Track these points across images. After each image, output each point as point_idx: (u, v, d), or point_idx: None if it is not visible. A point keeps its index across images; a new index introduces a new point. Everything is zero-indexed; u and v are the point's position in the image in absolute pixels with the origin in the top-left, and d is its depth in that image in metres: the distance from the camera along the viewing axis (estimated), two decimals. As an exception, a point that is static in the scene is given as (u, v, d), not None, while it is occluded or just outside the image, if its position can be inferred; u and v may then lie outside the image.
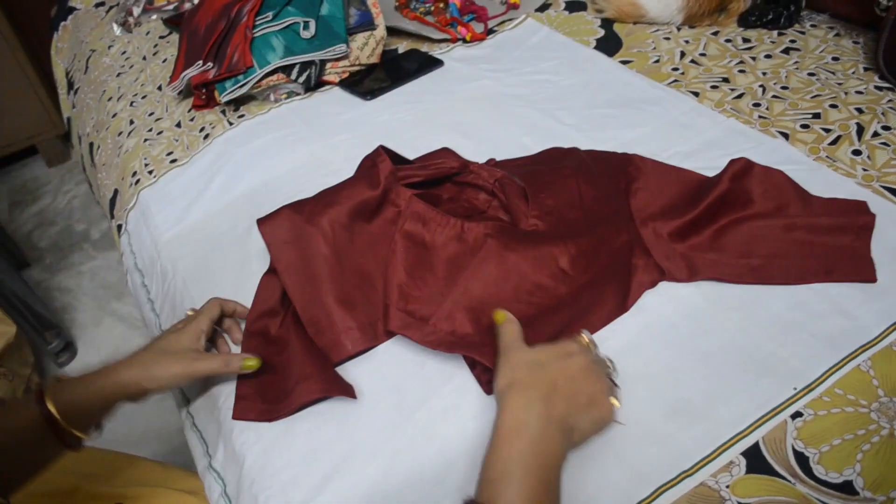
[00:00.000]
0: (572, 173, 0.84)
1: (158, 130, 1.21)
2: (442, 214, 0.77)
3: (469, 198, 0.86)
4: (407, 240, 0.77)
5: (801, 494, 0.58)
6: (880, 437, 0.61)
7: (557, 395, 0.56)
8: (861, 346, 0.67)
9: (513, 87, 1.13)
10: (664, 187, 0.85)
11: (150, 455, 0.92)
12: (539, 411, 0.54)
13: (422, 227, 0.77)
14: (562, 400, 0.56)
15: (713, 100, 1.02)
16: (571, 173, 0.84)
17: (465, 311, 0.70)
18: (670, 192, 0.84)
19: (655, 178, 0.86)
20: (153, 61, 1.44)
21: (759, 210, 0.79)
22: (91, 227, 2.30)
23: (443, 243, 0.76)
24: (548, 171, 0.85)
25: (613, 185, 0.85)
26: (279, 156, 1.06)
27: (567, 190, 0.82)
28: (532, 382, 0.57)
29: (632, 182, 0.86)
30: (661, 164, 0.89)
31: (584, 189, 0.82)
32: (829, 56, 1.08)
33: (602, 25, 1.26)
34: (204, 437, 0.74)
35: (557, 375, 0.57)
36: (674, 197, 0.83)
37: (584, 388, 0.58)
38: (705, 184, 0.83)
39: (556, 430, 0.54)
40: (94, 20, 1.72)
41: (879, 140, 0.90)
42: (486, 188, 0.85)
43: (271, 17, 1.16)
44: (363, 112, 1.13)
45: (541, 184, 0.82)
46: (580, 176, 0.84)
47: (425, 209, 0.77)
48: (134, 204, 1.08)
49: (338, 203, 0.78)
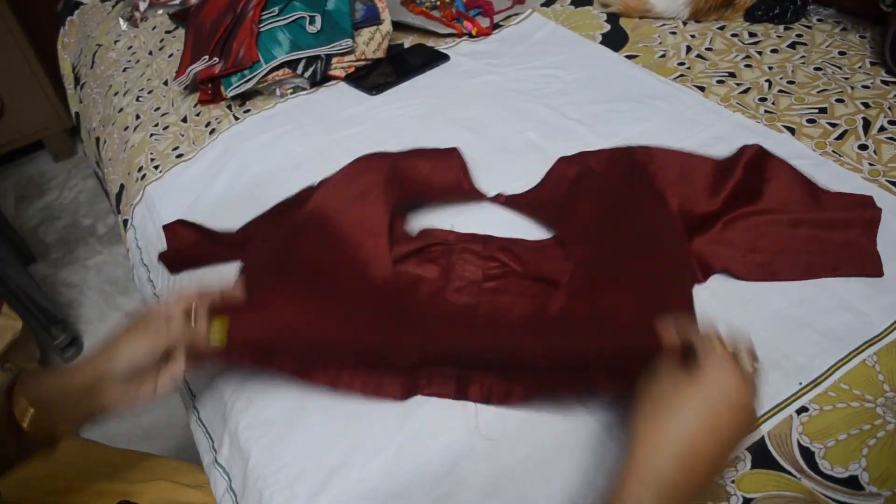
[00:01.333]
0: (589, 196, 0.81)
1: (164, 125, 1.22)
2: None
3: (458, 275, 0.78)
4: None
5: (807, 489, 0.58)
6: (886, 431, 0.61)
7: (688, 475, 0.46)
8: (867, 341, 0.67)
9: (518, 81, 1.13)
10: (675, 171, 0.83)
11: (155, 450, 0.92)
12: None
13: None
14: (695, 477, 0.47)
15: (719, 94, 1.02)
16: (588, 197, 0.80)
17: None
18: (683, 178, 0.82)
19: (665, 160, 0.85)
20: (159, 56, 1.44)
21: (768, 205, 0.78)
22: (97, 221, 2.30)
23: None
24: (569, 208, 0.81)
25: (635, 194, 0.81)
26: (285, 150, 1.06)
27: (594, 227, 0.76)
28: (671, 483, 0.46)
29: (645, 168, 0.84)
30: (666, 151, 0.87)
31: (608, 212, 0.78)
32: (835, 51, 1.08)
33: (608, 20, 1.26)
34: (209, 432, 0.75)
35: (701, 450, 0.47)
36: (687, 185, 0.81)
37: (726, 458, 0.48)
38: (717, 171, 0.82)
39: None
40: (101, 15, 1.72)
41: (886, 135, 0.90)
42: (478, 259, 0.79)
43: (277, 12, 1.16)
44: (369, 107, 1.13)
45: (570, 230, 0.77)
46: (599, 197, 0.80)
47: None
48: (140, 199, 1.08)
49: None
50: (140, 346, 0.61)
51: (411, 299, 0.73)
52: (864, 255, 0.74)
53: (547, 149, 0.96)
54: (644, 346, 0.54)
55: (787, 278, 0.73)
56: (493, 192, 0.89)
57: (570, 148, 0.95)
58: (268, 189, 0.98)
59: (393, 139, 1.04)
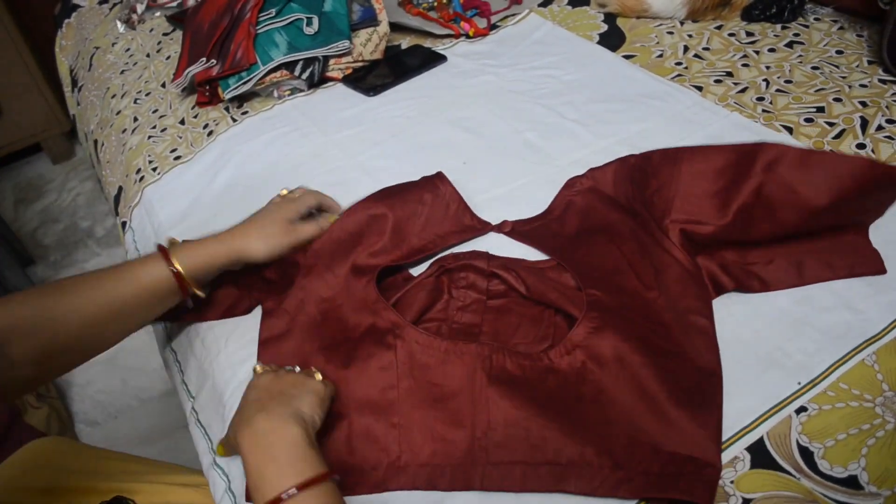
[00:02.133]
0: (597, 240, 0.76)
1: (162, 127, 1.22)
2: None
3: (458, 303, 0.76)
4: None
5: (806, 489, 0.58)
6: (885, 431, 0.61)
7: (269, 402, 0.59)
8: (866, 340, 0.67)
9: (516, 82, 1.13)
10: (676, 188, 0.79)
11: (153, 453, 0.92)
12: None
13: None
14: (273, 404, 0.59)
15: (717, 94, 1.02)
16: (596, 241, 0.76)
17: None
18: (686, 197, 0.78)
19: (668, 170, 0.80)
20: (157, 58, 1.44)
21: (782, 219, 0.74)
22: (95, 224, 2.30)
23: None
24: (577, 251, 0.76)
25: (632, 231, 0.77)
26: (283, 152, 1.06)
27: (605, 279, 0.72)
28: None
29: (647, 185, 0.80)
30: (667, 160, 0.82)
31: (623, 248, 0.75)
32: (832, 49, 1.08)
33: (605, 20, 1.26)
34: (208, 434, 0.74)
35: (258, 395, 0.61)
36: (690, 205, 0.77)
37: (280, 388, 0.61)
38: (722, 188, 0.76)
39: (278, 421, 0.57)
40: (98, 17, 1.72)
41: (884, 133, 0.90)
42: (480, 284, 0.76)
43: (274, 14, 1.16)
44: (366, 108, 1.13)
45: (586, 272, 0.73)
46: (607, 247, 0.75)
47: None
48: (138, 201, 1.08)
49: None
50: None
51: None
52: (867, 255, 0.74)
53: (545, 149, 0.96)
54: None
55: (790, 286, 0.73)
56: (491, 191, 0.89)
57: (568, 148, 0.95)
58: (266, 190, 0.98)
59: (391, 140, 1.04)
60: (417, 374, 0.67)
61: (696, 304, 0.71)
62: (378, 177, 0.95)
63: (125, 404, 1.75)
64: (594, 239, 0.76)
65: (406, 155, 1.00)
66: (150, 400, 1.75)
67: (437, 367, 0.67)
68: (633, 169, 0.82)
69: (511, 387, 0.64)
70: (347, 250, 0.78)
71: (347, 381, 0.68)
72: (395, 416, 0.65)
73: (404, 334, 0.69)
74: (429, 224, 0.82)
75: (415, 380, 0.67)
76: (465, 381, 0.65)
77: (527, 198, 0.88)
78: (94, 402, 1.77)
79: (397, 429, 0.65)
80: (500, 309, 0.75)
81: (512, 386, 0.64)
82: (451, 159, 0.97)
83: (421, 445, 0.63)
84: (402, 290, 0.75)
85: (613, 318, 0.67)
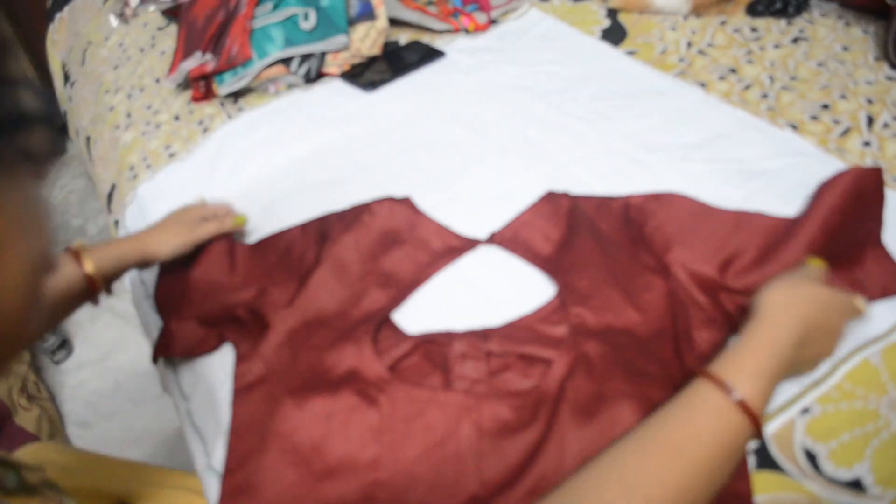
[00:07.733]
0: (589, 253, 0.75)
1: (156, 124, 1.20)
2: None
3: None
4: None
5: (810, 492, 0.57)
6: (889, 432, 0.60)
7: (810, 342, 0.57)
8: (871, 340, 0.66)
9: (516, 78, 1.11)
10: (676, 228, 0.77)
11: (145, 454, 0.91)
12: (794, 347, 0.55)
13: None
14: (811, 348, 0.58)
15: (720, 91, 1.01)
16: (588, 254, 0.75)
17: None
18: (684, 243, 0.76)
19: (663, 216, 0.78)
20: (151, 53, 1.42)
21: (786, 260, 0.71)
22: (87, 222, 2.28)
23: None
24: (568, 262, 0.75)
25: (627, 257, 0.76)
26: (279, 149, 1.04)
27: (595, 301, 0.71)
28: (805, 319, 0.57)
29: (643, 226, 0.78)
30: (664, 203, 0.80)
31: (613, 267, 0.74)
32: (838, 46, 1.06)
33: (607, 15, 1.24)
34: (202, 437, 0.73)
35: (822, 323, 0.58)
36: (691, 248, 0.75)
37: (831, 344, 0.60)
38: (724, 236, 0.75)
39: (788, 368, 0.56)
40: (91, 11, 1.70)
41: (890, 131, 0.88)
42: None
43: (271, 8, 1.14)
44: (364, 104, 1.11)
45: (573, 282, 0.72)
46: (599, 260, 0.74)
47: None
48: (132, 199, 1.06)
49: None
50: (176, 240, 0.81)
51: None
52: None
53: (546, 146, 0.95)
54: None
55: None
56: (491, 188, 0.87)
57: (569, 145, 0.94)
58: (262, 187, 0.97)
59: (388, 137, 1.02)
60: (401, 427, 0.64)
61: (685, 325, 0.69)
62: (375, 174, 0.94)
63: (118, 406, 1.73)
64: (582, 242, 0.76)
65: (404, 152, 0.99)
66: (142, 402, 1.73)
67: (420, 418, 0.64)
68: (621, 207, 0.81)
69: (504, 438, 0.62)
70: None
71: (329, 434, 0.64)
72: (380, 473, 0.62)
73: (390, 388, 0.66)
74: (412, 256, 0.81)
75: (399, 434, 0.64)
76: (451, 434, 0.63)
77: (527, 196, 0.86)
78: (86, 403, 1.75)
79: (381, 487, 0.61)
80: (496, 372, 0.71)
81: (505, 436, 0.62)
82: (449, 156, 0.95)
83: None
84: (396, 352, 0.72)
85: (594, 347, 0.66)
